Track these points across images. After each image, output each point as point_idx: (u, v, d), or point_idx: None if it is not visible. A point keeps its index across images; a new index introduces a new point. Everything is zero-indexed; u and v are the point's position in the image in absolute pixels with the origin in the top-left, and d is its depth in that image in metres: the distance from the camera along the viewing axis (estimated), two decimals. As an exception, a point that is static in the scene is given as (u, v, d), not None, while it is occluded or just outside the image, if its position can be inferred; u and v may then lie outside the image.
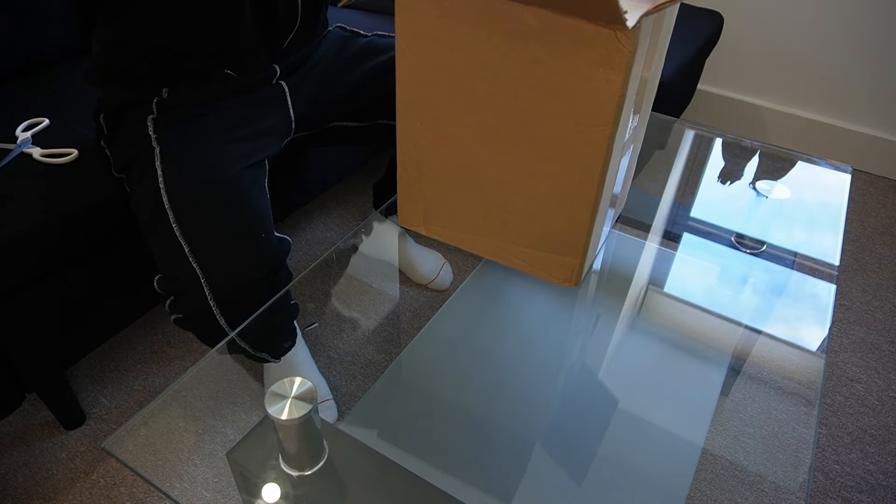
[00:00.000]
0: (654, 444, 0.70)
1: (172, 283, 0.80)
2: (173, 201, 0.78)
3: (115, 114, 0.88)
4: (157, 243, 0.79)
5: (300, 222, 1.50)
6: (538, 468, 0.68)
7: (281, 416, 0.55)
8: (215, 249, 0.76)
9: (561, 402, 0.75)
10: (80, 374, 1.14)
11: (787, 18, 1.72)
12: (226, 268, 0.76)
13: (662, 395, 0.75)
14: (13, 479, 0.98)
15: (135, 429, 0.65)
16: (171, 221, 0.77)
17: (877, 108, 1.73)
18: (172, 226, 0.77)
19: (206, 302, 0.76)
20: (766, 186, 1.06)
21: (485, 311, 0.89)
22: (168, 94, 0.86)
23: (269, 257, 0.79)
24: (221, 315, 0.77)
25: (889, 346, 1.25)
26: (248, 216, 0.79)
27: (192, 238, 0.76)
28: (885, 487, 0.99)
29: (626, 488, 0.67)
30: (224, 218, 0.77)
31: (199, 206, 0.77)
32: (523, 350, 0.82)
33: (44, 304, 0.90)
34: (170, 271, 0.79)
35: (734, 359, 0.79)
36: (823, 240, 0.96)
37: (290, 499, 0.60)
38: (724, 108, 1.95)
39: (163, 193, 0.78)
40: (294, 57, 0.96)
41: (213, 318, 0.77)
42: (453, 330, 0.86)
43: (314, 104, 0.99)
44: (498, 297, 0.91)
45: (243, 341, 0.78)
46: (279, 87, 0.95)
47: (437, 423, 0.72)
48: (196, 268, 0.75)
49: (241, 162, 0.83)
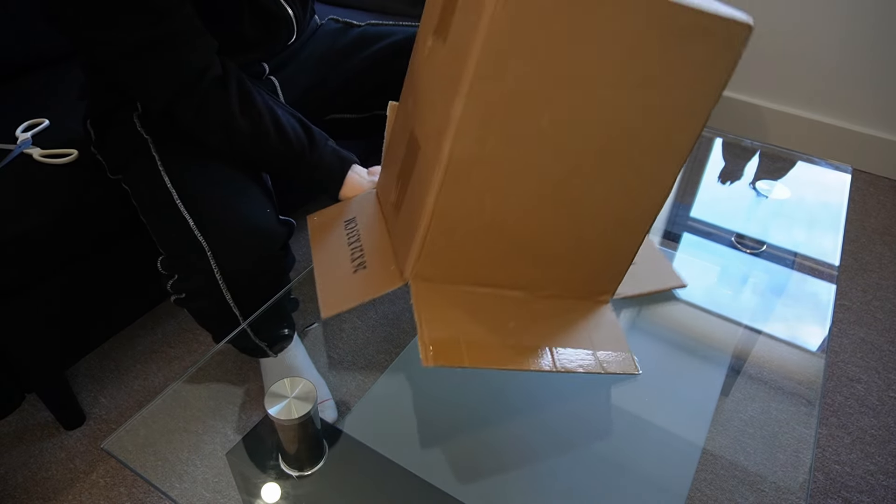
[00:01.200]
0: (654, 444, 0.70)
1: (178, 261, 0.80)
2: (175, 179, 0.78)
3: (101, 118, 0.88)
4: (161, 224, 0.79)
5: (301, 222, 1.50)
6: (538, 468, 0.68)
7: (281, 416, 0.55)
8: (221, 223, 0.76)
9: (561, 401, 0.75)
10: (80, 374, 1.14)
11: (788, 18, 1.72)
12: (232, 240, 0.76)
13: (662, 395, 0.74)
14: (13, 480, 0.98)
15: (135, 429, 0.65)
16: (175, 198, 0.77)
17: (877, 108, 1.73)
18: (176, 202, 0.76)
19: (213, 276, 0.76)
20: (766, 186, 1.06)
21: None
22: None
23: (274, 233, 0.79)
24: (228, 290, 0.77)
25: (889, 346, 1.25)
26: (251, 192, 0.79)
27: (198, 212, 0.76)
28: (886, 487, 0.99)
29: (627, 488, 0.67)
30: (228, 191, 0.77)
31: (203, 182, 0.77)
32: (523, 350, 0.82)
33: (44, 304, 0.90)
34: (175, 249, 0.79)
35: (734, 359, 0.79)
36: (823, 240, 0.96)
37: (290, 499, 0.60)
38: (724, 108, 1.95)
39: (163, 175, 0.78)
40: (283, 53, 0.96)
41: (220, 293, 0.77)
42: (453, 330, 0.86)
43: (309, 97, 0.98)
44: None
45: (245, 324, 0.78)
46: (269, 83, 0.95)
47: (436, 422, 0.72)
48: (203, 241, 0.75)
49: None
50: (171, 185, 0.77)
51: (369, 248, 0.67)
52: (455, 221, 0.56)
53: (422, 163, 0.58)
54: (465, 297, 0.62)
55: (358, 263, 0.65)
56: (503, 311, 0.63)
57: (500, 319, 0.62)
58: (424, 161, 0.57)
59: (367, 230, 0.71)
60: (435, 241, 0.57)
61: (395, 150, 0.70)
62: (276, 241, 0.79)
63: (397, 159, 0.67)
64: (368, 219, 0.73)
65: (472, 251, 0.60)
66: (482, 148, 0.52)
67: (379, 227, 0.70)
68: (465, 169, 0.53)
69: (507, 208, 0.57)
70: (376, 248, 0.66)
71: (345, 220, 0.75)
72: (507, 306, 0.63)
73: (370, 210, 0.75)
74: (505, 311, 0.63)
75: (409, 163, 0.62)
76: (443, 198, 0.54)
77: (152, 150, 0.80)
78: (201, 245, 0.75)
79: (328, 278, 0.66)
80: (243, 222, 0.76)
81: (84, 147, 0.92)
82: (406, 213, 0.62)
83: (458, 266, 0.61)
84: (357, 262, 0.66)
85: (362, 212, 0.75)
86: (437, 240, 0.57)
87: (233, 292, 0.78)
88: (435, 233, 0.57)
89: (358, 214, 0.75)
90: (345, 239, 0.71)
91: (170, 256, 0.81)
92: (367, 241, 0.69)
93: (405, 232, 0.61)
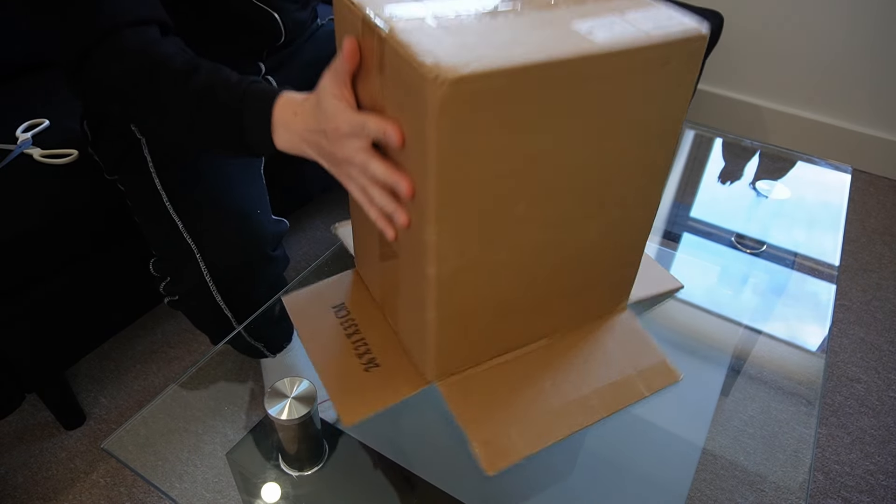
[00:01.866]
0: (654, 444, 0.70)
1: (168, 263, 0.80)
2: (165, 182, 0.78)
3: (96, 117, 0.88)
4: (152, 226, 0.79)
5: (301, 222, 1.50)
6: (538, 468, 0.68)
7: (281, 416, 0.55)
8: (209, 224, 0.76)
9: (561, 402, 0.75)
10: (80, 374, 1.14)
11: (788, 18, 1.72)
12: (221, 242, 0.76)
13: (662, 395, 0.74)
14: (13, 480, 0.98)
15: (135, 429, 0.65)
16: (164, 200, 0.77)
17: (877, 107, 1.73)
18: (166, 205, 0.77)
19: (202, 278, 0.76)
20: (766, 186, 1.06)
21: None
22: None
23: (264, 234, 0.79)
24: (218, 292, 0.77)
25: (889, 346, 1.25)
26: (241, 192, 0.79)
27: (186, 214, 0.76)
28: (885, 487, 0.99)
29: (627, 488, 0.67)
30: (217, 192, 0.77)
31: (192, 183, 0.77)
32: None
33: (44, 304, 0.90)
34: (165, 251, 0.79)
35: (734, 359, 0.79)
36: (823, 240, 0.96)
37: (290, 499, 0.60)
38: (724, 108, 1.94)
39: (154, 176, 0.78)
40: (280, 54, 0.95)
41: (210, 295, 0.77)
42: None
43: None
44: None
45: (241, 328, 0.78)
46: (267, 82, 0.94)
47: (436, 423, 0.72)
48: (191, 244, 0.75)
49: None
50: (161, 188, 0.77)
51: (376, 344, 0.65)
52: (461, 320, 0.56)
53: (405, 270, 0.56)
54: (493, 375, 0.61)
55: (368, 361, 0.63)
56: (536, 372, 0.62)
57: (537, 384, 0.61)
58: (408, 270, 0.55)
59: (366, 322, 0.67)
60: (447, 340, 0.57)
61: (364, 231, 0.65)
62: (266, 242, 0.79)
63: (372, 245, 0.64)
64: (362, 308, 0.69)
65: (484, 333, 0.59)
66: (465, 257, 0.51)
67: (378, 319, 0.67)
68: (456, 278, 0.52)
69: (508, 286, 0.56)
70: (385, 345, 0.64)
71: (331, 306, 0.70)
72: (536, 364, 0.63)
73: (359, 297, 0.71)
74: (537, 371, 0.62)
75: (388, 259, 0.60)
76: (442, 308, 0.53)
77: (144, 152, 0.80)
78: (190, 247, 0.75)
79: (336, 378, 0.62)
80: (232, 224, 0.76)
81: (84, 147, 0.92)
82: (406, 315, 0.60)
83: (476, 349, 0.61)
84: (367, 360, 0.63)
85: (350, 298, 0.71)
86: (448, 339, 0.57)
87: (223, 294, 0.78)
88: (444, 335, 0.56)
89: (346, 301, 0.70)
90: (340, 329, 0.67)
91: (161, 259, 0.81)
92: (371, 335, 0.66)
93: (413, 334, 0.60)
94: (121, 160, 0.83)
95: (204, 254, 0.75)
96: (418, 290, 0.54)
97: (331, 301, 0.70)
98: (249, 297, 0.79)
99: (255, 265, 0.79)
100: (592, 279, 0.62)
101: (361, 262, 0.72)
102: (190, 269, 0.76)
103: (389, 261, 0.60)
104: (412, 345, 0.62)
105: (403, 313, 0.61)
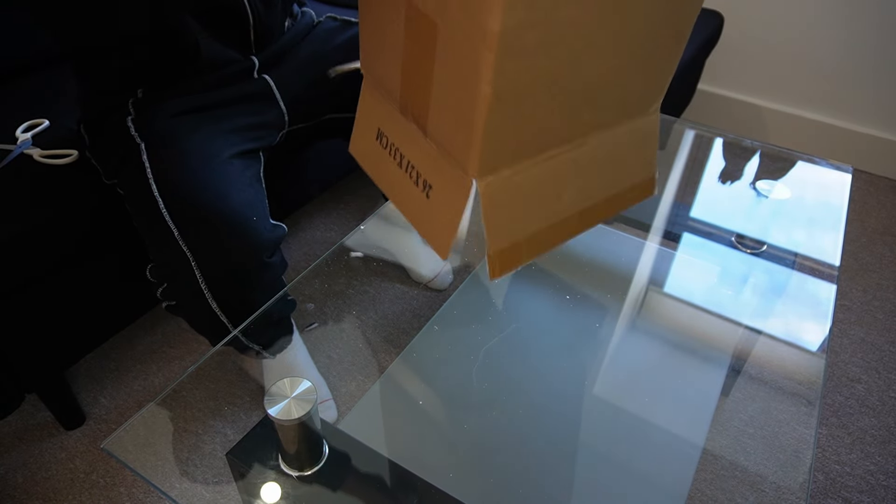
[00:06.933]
0: (654, 444, 0.70)
1: (164, 269, 0.80)
2: (162, 188, 0.78)
3: (94, 121, 0.88)
4: (149, 232, 0.79)
5: (300, 222, 1.50)
6: (538, 468, 0.68)
7: (281, 416, 0.55)
8: (204, 232, 0.76)
9: (561, 401, 0.75)
10: (79, 374, 1.14)
11: (788, 18, 1.72)
12: (215, 250, 0.76)
13: (662, 395, 0.74)
14: (13, 480, 0.98)
15: (134, 429, 0.65)
16: (161, 207, 0.77)
17: (877, 108, 1.73)
18: (162, 211, 0.77)
19: (197, 286, 0.76)
20: (767, 186, 1.06)
21: (485, 311, 0.89)
22: (143, 93, 0.86)
23: (260, 241, 0.79)
24: (213, 299, 0.77)
25: (889, 346, 1.25)
26: (237, 199, 0.78)
27: (182, 222, 0.76)
28: (886, 487, 0.99)
29: (627, 488, 0.67)
30: (213, 200, 0.77)
31: (187, 190, 0.77)
32: (523, 350, 0.82)
33: (43, 304, 0.90)
34: (161, 258, 0.79)
35: (734, 359, 0.79)
36: (824, 240, 0.96)
37: (289, 499, 0.60)
38: (724, 108, 1.94)
39: (151, 182, 0.78)
40: (272, 49, 0.94)
41: (205, 301, 0.77)
42: (453, 330, 0.86)
43: (306, 95, 0.97)
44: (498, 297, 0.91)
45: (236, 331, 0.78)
46: (263, 81, 0.94)
47: (436, 423, 0.72)
48: (186, 251, 0.75)
49: (229, 150, 0.82)
50: (157, 194, 0.77)
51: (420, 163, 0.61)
52: (513, 98, 0.51)
53: (447, 44, 0.50)
54: (525, 179, 0.58)
55: (423, 185, 0.60)
56: (562, 178, 0.60)
57: (559, 192, 0.59)
58: (452, 41, 0.50)
59: (405, 141, 0.63)
60: (496, 124, 0.52)
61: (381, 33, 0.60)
62: (262, 249, 0.79)
63: (394, 47, 0.58)
64: (393, 124, 0.64)
65: (531, 119, 0.55)
66: (533, 8, 0.45)
67: (410, 131, 0.62)
68: (519, 36, 0.46)
69: (565, 56, 0.51)
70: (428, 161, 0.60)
71: (375, 137, 0.67)
72: (564, 169, 0.60)
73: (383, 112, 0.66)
74: (563, 178, 0.60)
75: (419, 48, 0.55)
76: (499, 78, 0.48)
77: (143, 157, 0.80)
78: (185, 255, 0.75)
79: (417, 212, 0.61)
80: (227, 231, 0.76)
81: (83, 150, 0.93)
82: (446, 102, 0.55)
83: (520, 141, 0.56)
84: (422, 185, 0.60)
85: (380, 119, 0.66)
86: (498, 122, 0.52)
87: (219, 302, 0.78)
88: (495, 116, 0.51)
89: (381, 125, 0.66)
90: (392, 162, 0.64)
91: (157, 265, 0.81)
92: (412, 153, 0.62)
93: (453, 125, 0.55)
94: (119, 165, 0.83)
95: (199, 261, 0.75)
96: (467, 61, 0.48)
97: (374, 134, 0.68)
98: (246, 303, 0.79)
99: (251, 273, 0.78)
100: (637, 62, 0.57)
101: (376, 62, 0.66)
102: (185, 276, 0.76)
103: (420, 40, 0.55)
104: (452, 138, 0.57)
105: (441, 102, 0.56)
